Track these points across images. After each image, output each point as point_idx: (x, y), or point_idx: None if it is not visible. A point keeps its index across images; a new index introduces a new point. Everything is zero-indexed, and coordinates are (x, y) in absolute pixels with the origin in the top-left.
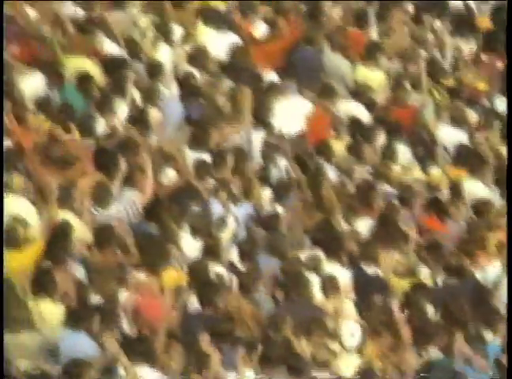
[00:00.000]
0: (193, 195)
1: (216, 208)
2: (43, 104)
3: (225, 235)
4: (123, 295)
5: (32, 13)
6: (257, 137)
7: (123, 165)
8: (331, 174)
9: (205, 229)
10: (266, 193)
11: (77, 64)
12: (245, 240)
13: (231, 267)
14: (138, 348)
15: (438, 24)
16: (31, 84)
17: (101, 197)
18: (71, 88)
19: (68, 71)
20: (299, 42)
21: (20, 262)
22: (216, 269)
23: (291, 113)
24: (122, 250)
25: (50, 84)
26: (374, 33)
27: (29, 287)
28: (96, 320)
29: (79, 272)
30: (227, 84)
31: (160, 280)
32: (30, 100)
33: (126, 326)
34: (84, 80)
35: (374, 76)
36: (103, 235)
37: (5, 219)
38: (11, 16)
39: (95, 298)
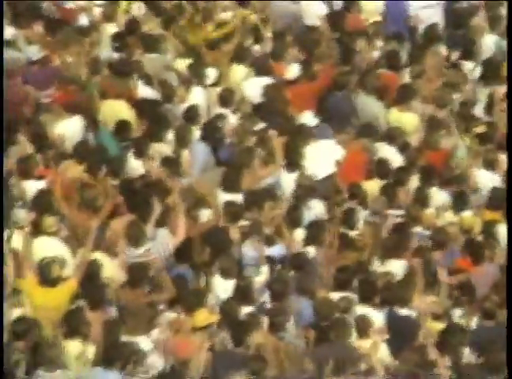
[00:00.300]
0: (225, 236)
1: (248, 249)
2: (78, 147)
3: (257, 276)
4: (155, 333)
5: (68, 56)
6: (290, 179)
7: (156, 206)
8: (364, 215)
9: (237, 270)
10: (298, 235)
11: (112, 107)
12: (276, 280)
13: (263, 307)
14: None
15: (470, 67)
16: (67, 127)
17: (134, 237)
18: (106, 132)
19: (103, 114)
20: (331, 84)
21: (53, 300)
22: (248, 309)
23: (324, 155)
24: (155, 290)
25: (86, 127)
26: (406, 75)
27: (61, 325)
28: (127, 358)
29: (111, 311)
30: (259, 125)
31: (192, 320)
32: (65, 143)
33: (158, 364)
34: (119, 123)
35: (407, 119)
36: (136, 275)
37: (38, 258)
38: (47, 59)
39: (126, 337)
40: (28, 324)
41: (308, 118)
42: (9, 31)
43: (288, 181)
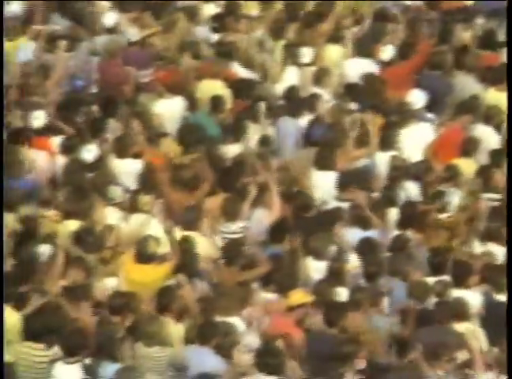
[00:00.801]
0: (319, 217)
1: (342, 230)
2: (176, 126)
3: (351, 258)
4: (248, 312)
5: (167, 36)
6: (384, 160)
7: (252, 186)
8: (458, 197)
9: (331, 251)
10: (392, 216)
11: (209, 87)
12: (370, 262)
13: (357, 289)
14: (266, 362)
15: None
16: (166, 106)
17: (230, 212)
18: (203, 111)
19: (200, 94)
20: (428, 63)
21: (148, 277)
22: (341, 291)
23: (419, 136)
24: (249, 268)
25: (184, 107)
26: (504, 54)
27: (156, 302)
28: (222, 336)
29: (204, 289)
30: (354, 105)
31: (286, 299)
32: (163, 122)
33: (253, 343)
34: (216, 103)
35: (505, 99)
36: (231, 252)
37: (135, 235)
38: (147, 40)
39: (220, 315)
40: (126, 298)
41: (405, 99)
42: (111, 16)
43: (382, 163)
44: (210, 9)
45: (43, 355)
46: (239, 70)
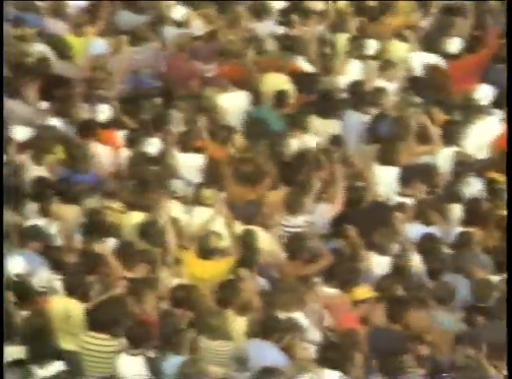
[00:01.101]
0: (381, 212)
1: (406, 226)
2: (240, 120)
3: (414, 255)
4: (310, 307)
5: (229, 31)
6: (448, 156)
7: (315, 180)
8: None
9: (394, 247)
10: (456, 213)
11: (273, 81)
12: (433, 259)
13: (419, 285)
14: (328, 357)
15: None
16: (230, 100)
17: (291, 209)
18: (267, 105)
19: (264, 88)
20: (494, 58)
21: (210, 271)
22: (404, 287)
23: (484, 131)
24: (311, 262)
25: (248, 101)
26: None
27: (217, 296)
28: (284, 331)
29: (266, 283)
30: (418, 100)
31: (349, 294)
32: (227, 117)
33: (315, 338)
34: (280, 98)
35: None
36: (293, 246)
37: (198, 230)
38: (212, 34)
39: (282, 309)
40: (188, 291)
41: (471, 93)
42: (180, 10)
43: (446, 158)
44: (276, 4)
45: (107, 345)
46: (304, 64)
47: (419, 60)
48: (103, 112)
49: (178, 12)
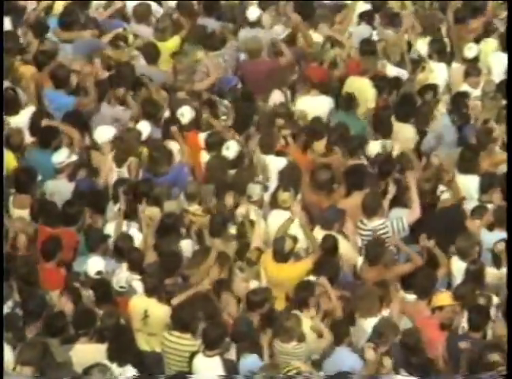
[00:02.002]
0: (462, 217)
1: (483, 232)
2: (320, 125)
3: (489, 260)
4: (389, 312)
5: (315, 35)
6: None
7: (392, 185)
8: None
9: (471, 253)
10: None
11: (356, 85)
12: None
13: (500, 293)
14: (408, 362)
15: None
16: (310, 103)
17: (369, 213)
18: (350, 109)
19: (347, 92)
20: None
21: (286, 274)
22: (484, 294)
23: None
24: (389, 267)
25: (330, 104)
26: None
27: (293, 298)
28: (359, 334)
29: (345, 287)
30: (503, 104)
31: (428, 301)
32: (307, 120)
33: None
34: (362, 101)
35: None
36: (373, 251)
37: (273, 232)
38: (292, 37)
39: (360, 314)
40: (264, 294)
41: None
42: (254, 12)
43: None
44: (359, 6)
45: (188, 345)
46: (388, 67)
47: (505, 64)
48: (186, 114)
49: (259, 15)
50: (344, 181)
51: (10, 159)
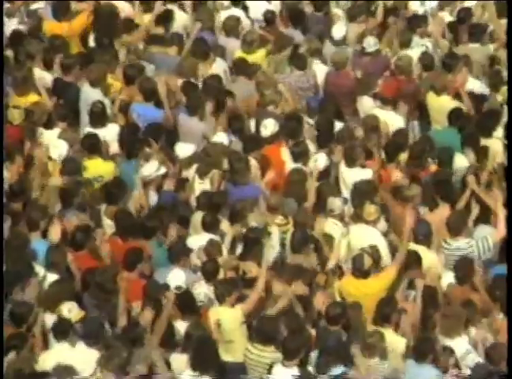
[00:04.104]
0: None
1: None
2: (402, 137)
3: None
4: (474, 332)
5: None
6: None
7: (475, 203)
8: None
9: None
10: None
11: (439, 99)
12: None
13: None
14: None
15: None
16: (392, 117)
17: (453, 230)
18: (435, 124)
19: (430, 106)
20: None
21: (366, 290)
22: None
23: None
24: (477, 288)
25: (413, 118)
26: None
27: (374, 314)
28: (442, 354)
29: (428, 306)
30: None
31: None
32: (388, 133)
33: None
34: (449, 115)
35: None
36: (461, 271)
37: (353, 246)
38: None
39: (444, 333)
40: (344, 309)
41: None
42: (340, 28)
43: None
44: (444, 18)
45: (269, 357)
46: (471, 82)
47: None
48: (269, 127)
49: (343, 28)
50: (432, 193)
51: (110, 169)
